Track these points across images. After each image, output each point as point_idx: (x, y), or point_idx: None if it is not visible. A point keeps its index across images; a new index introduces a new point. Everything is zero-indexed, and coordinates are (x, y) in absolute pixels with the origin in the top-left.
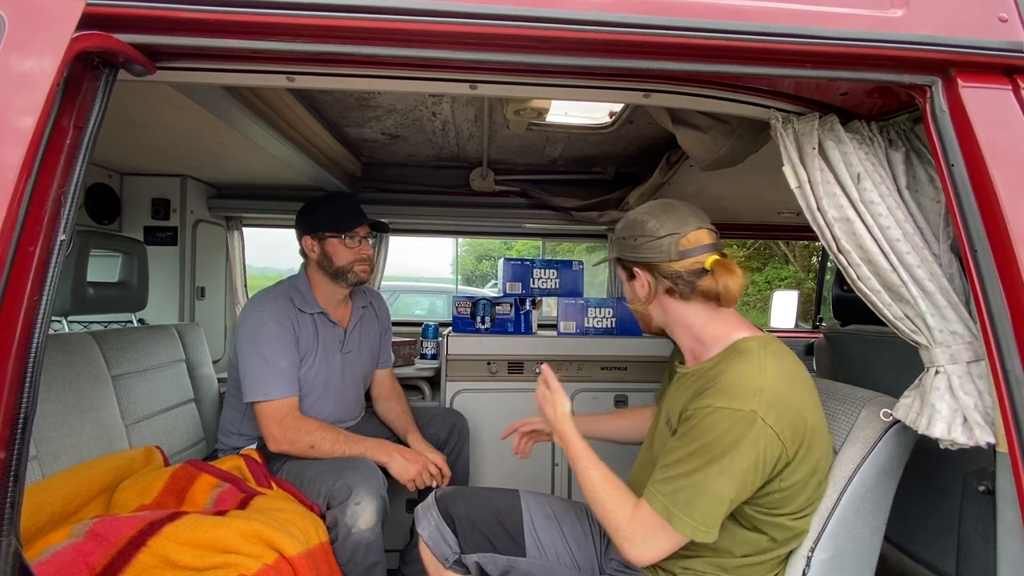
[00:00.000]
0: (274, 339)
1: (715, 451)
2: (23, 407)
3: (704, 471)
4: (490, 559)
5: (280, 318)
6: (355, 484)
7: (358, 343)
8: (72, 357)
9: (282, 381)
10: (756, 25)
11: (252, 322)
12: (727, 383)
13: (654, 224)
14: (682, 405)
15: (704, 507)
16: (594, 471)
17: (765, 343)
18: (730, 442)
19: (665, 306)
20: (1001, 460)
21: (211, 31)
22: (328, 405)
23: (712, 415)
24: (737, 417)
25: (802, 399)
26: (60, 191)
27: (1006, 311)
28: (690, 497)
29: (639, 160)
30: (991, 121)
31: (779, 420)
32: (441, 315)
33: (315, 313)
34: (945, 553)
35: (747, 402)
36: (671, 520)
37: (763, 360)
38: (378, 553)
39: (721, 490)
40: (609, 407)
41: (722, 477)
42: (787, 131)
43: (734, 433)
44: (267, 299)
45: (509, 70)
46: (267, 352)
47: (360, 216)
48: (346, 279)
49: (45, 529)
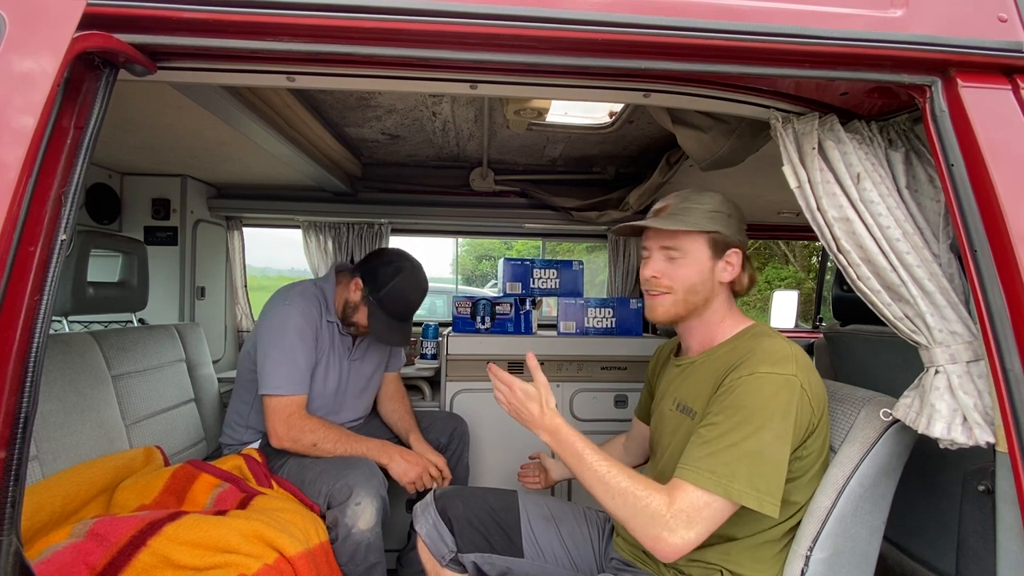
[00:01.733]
0: (298, 335)
1: (765, 416)
2: (23, 407)
3: (757, 437)
4: (487, 559)
5: (307, 316)
6: (355, 484)
7: (364, 352)
8: (72, 357)
9: (297, 378)
10: (756, 25)
11: (280, 315)
12: (764, 352)
13: (733, 204)
14: (707, 386)
15: (768, 475)
16: (606, 464)
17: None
18: (779, 405)
19: (718, 291)
20: (1001, 460)
21: (211, 31)
22: (334, 409)
23: (757, 380)
24: (781, 381)
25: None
26: (60, 191)
27: (1006, 311)
28: (751, 468)
29: (639, 160)
30: (991, 121)
31: (811, 386)
32: (441, 315)
33: (333, 321)
34: (945, 553)
35: (787, 367)
36: (731, 495)
37: (785, 340)
38: (378, 553)
39: (780, 456)
40: (609, 407)
41: (778, 442)
42: (787, 131)
43: (782, 396)
44: (296, 294)
45: (509, 70)
46: (288, 347)
47: (395, 340)
48: (348, 327)
49: (45, 529)
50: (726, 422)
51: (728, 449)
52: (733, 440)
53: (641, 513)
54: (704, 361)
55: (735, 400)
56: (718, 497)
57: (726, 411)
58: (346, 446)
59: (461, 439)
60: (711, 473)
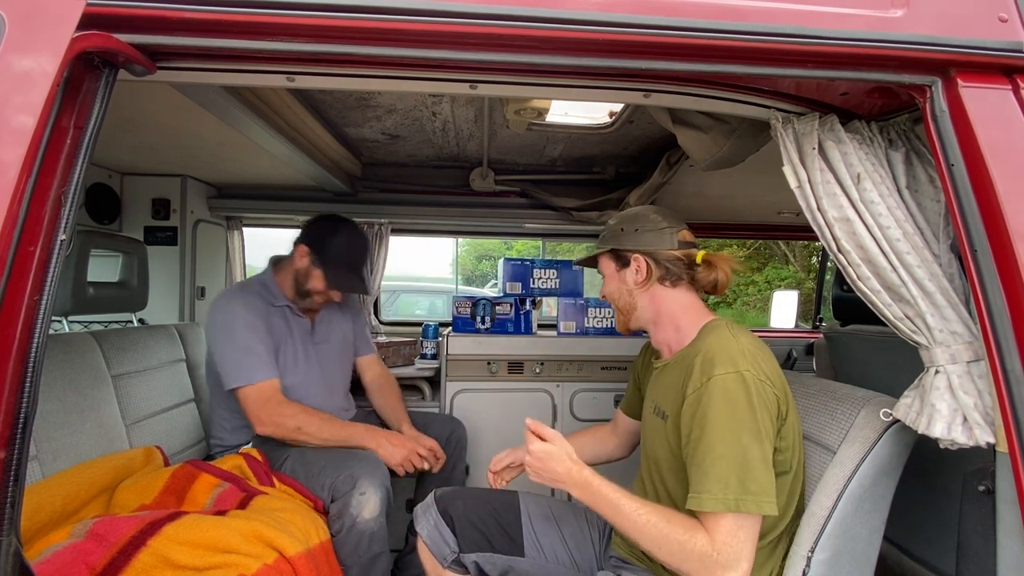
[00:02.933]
0: (247, 326)
1: (734, 419)
2: (23, 407)
3: (734, 442)
4: (488, 559)
5: (250, 307)
6: (360, 475)
7: (327, 333)
8: (72, 357)
9: (261, 364)
10: (756, 25)
11: (223, 313)
12: (709, 355)
13: (656, 217)
14: (674, 392)
15: (757, 476)
16: (643, 510)
17: (728, 322)
18: (742, 403)
19: (654, 293)
20: (1001, 460)
21: (211, 31)
22: (312, 398)
23: (714, 385)
24: (736, 379)
25: (771, 358)
26: (60, 191)
27: (1006, 311)
28: (740, 473)
29: (639, 160)
30: (991, 121)
31: (768, 374)
32: (441, 315)
33: (282, 306)
34: (945, 553)
35: (738, 363)
36: (739, 507)
37: (732, 331)
38: (382, 544)
39: (762, 452)
40: (609, 407)
41: (755, 440)
42: (787, 131)
43: (738, 393)
44: (235, 291)
45: (509, 70)
46: (242, 339)
47: (356, 286)
48: (304, 300)
49: (45, 529)
50: (702, 436)
51: (716, 463)
52: (718, 452)
53: (690, 558)
54: (674, 364)
55: (702, 411)
56: (727, 513)
57: (697, 425)
58: (331, 430)
59: (459, 443)
60: (709, 493)
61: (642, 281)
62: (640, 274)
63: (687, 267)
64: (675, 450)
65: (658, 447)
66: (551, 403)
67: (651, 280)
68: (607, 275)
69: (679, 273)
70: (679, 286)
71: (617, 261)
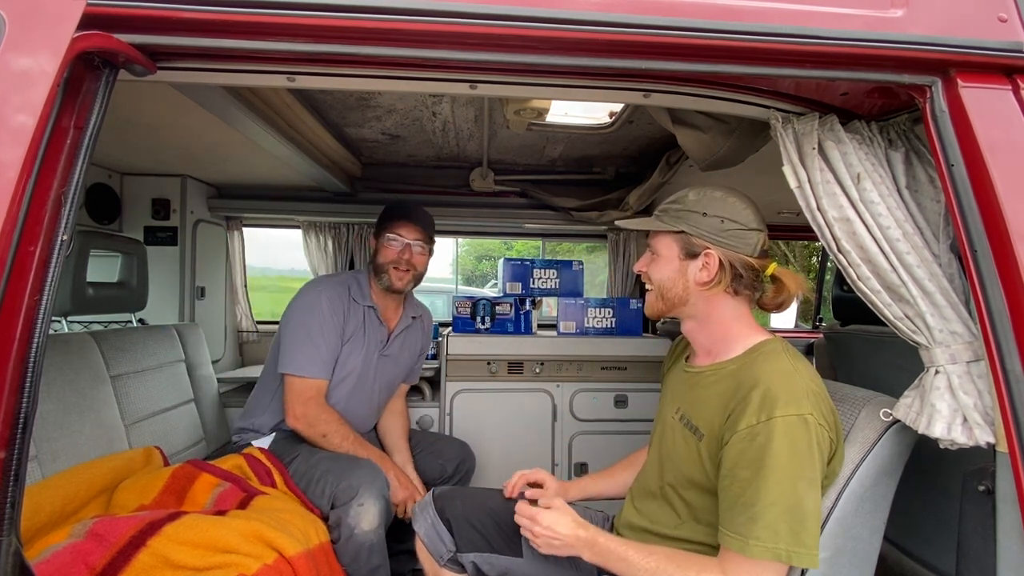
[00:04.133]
0: (323, 320)
1: (794, 465)
2: (23, 407)
3: (792, 490)
4: (486, 559)
5: (334, 301)
6: (360, 485)
7: (399, 350)
8: (72, 357)
9: (319, 361)
10: (756, 25)
11: (307, 298)
12: (771, 392)
13: (748, 213)
14: (711, 411)
15: (811, 527)
16: (652, 559)
17: (785, 345)
18: (804, 449)
19: (712, 297)
20: (1001, 460)
21: (211, 31)
22: (353, 400)
23: (772, 429)
24: (799, 423)
25: (826, 393)
26: (60, 191)
27: (1006, 311)
28: (794, 524)
29: (639, 160)
30: (991, 121)
31: (826, 415)
32: (441, 315)
33: (367, 306)
34: (945, 553)
35: (802, 405)
36: (790, 559)
37: (792, 362)
38: (381, 555)
39: (816, 502)
40: (609, 407)
41: (811, 489)
42: (787, 131)
43: (803, 439)
44: (327, 282)
45: (509, 70)
46: (314, 330)
47: (406, 214)
48: (381, 279)
49: (45, 529)
50: (755, 479)
51: (767, 509)
52: (771, 499)
53: None
54: (713, 377)
55: (758, 452)
56: (771, 562)
57: (753, 465)
58: (352, 446)
59: (466, 474)
60: (757, 540)
61: (706, 282)
62: (708, 274)
63: (756, 279)
64: (710, 473)
65: (685, 462)
66: (551, 403)
67: (718, 284)
68: (664, 256)
69: (748, 285)
70: (739, 296)
71: (683, 248)
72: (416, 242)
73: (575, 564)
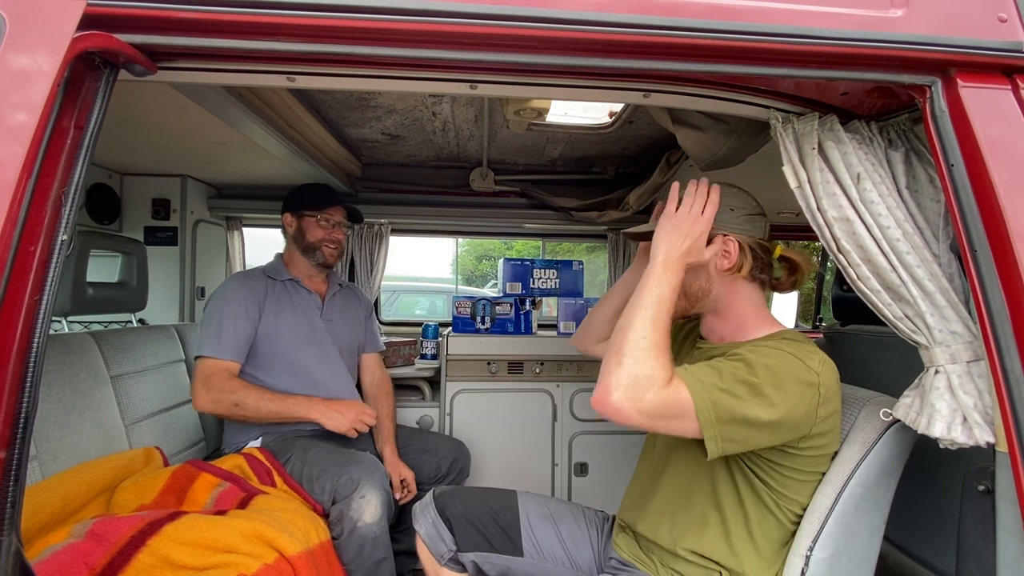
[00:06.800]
0: (227, 305)
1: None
2: (23, 407)
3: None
4: (487, 559)
5: (246, 286)
6: (360, 478)
7: (339, 313)
8: (72, 357)
9: (225, 342)
10: (755, 25)
11: (217, 291)
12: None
13: (751, 200)
14: None
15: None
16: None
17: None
18: (787, 379)
19: (733, 284)
20: (1001, 460)
21: (212, 31)
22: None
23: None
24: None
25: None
26: (61, 191)
27: (1006, 311)
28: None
29: (639, 160)
30: (991, 121)
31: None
32: (441, 315)
33: (286, 280)
34: (945, 553)
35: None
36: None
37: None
38: (385, 548)
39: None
40: None
41: (760, 407)
42: (787, 131)
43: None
44: (239, 273)
45: (509, 70)
46: (219, 314)
47: (334, 200)
48: (315, 256)
49: (45, 529)
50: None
51: (733, 401)
52: (738, 394)
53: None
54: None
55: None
56: (696, 422)
57: (747, 366)
58: (270, 405)
59: (460, 472)
60: (713, 406)
61: (728, 268)
62: (729, 260)
63: (769, 263)
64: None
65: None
66: (551, 403)
67: (739, 269)
68: None
69: (760, 269)
70: (755, 282)
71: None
72: (342, 222)
73: (574, 564)
